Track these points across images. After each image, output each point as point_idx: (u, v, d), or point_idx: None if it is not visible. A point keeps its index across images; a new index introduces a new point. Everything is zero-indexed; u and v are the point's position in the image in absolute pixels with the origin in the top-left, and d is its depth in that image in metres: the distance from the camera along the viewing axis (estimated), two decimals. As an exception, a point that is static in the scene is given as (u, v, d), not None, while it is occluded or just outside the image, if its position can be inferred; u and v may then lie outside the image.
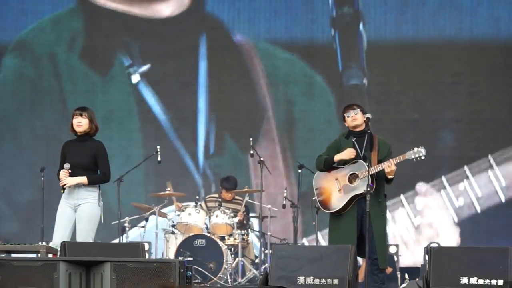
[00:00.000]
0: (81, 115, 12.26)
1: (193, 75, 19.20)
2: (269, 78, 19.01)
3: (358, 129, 12.27)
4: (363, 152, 12.22)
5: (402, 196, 17.72)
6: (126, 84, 19.08)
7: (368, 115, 12.16)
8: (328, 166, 12.31)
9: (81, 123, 12.23)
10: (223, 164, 18.18)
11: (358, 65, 18.60)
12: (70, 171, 12.07)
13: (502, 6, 18.29)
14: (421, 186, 17.84)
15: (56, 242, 11.87)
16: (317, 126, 18.48)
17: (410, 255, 16.55)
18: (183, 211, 14.96)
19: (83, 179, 12.09)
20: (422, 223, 17.84)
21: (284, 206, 15.34)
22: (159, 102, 19.06)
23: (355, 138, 12.28)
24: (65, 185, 12.07)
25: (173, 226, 14.88)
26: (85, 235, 12.14)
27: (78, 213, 12.13)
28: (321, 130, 18.41)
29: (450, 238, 17.51)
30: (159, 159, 15.32)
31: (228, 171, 16.78)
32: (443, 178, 17.81)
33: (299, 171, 14.95)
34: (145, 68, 18.82)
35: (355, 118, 12.20)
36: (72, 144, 12.33)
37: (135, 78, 18.84)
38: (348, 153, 12.20)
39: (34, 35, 19.24)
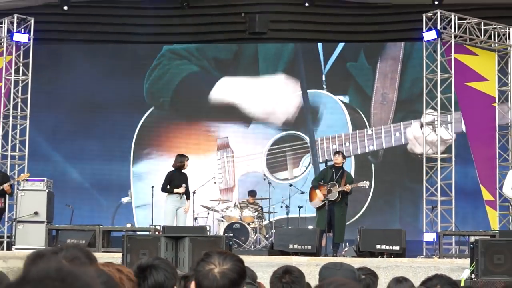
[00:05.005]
0: (187, 160, 12.62)
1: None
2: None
3: (337, 165, 12.62)
4: (336, 178, 12.50)
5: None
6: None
7: (345, 159, 12.91)
8: (314, 188, 12.71)
9: (186, 166, 12.58)
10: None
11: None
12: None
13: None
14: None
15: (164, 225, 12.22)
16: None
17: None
18: (227, 209, 14.60)
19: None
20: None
21: (282, 207, 15.02)
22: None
23: (334, 170, 12.59)
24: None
25: (222, 217, 14.44)
26: (183, 223, 12.45)
27: (179, 211, 12.45)
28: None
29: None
30: (215, 182, 15.37)
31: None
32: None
33: (290, 187, 15.03)
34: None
35: (337, 159, 12.64)
36: (175, 174, 12.56)
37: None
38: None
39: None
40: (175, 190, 12.40)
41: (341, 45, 17.20)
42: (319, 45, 17.24)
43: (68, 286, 1.54)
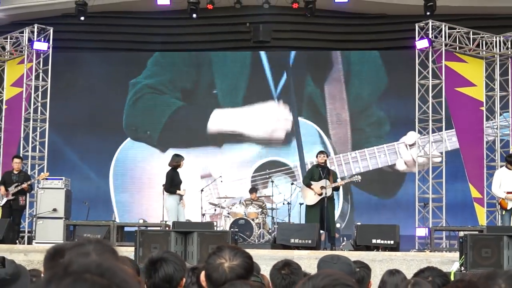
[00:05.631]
0: (182, 160, 12.58)
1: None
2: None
3: (322, 164, 12.57)
4: (324, 175, 12.40)
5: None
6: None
7: (328, 157, 12.73)
8: (307, 186, 12.59)
9: (181, 166, 12.52)
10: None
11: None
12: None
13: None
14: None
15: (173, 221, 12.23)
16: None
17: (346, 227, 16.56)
18: (233, 205, 14.53)
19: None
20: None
21: (283, 204, 14.97)
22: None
23: (320, 168, 12.49)
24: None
25: (228, 213, 14.28)
26: (184, 217, 12.40)
27: (179, 207, 12.41)
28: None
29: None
30: (221, 180, 15.46)
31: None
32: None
33: (292, 185, 15.00)
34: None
35: (322, 158, 12.56)
36: (175, 173, 12.50)
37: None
38: (317, 189, 12.42)
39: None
40: (178, 192, 12.41)
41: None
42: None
43: (107, 281, 1.55)
